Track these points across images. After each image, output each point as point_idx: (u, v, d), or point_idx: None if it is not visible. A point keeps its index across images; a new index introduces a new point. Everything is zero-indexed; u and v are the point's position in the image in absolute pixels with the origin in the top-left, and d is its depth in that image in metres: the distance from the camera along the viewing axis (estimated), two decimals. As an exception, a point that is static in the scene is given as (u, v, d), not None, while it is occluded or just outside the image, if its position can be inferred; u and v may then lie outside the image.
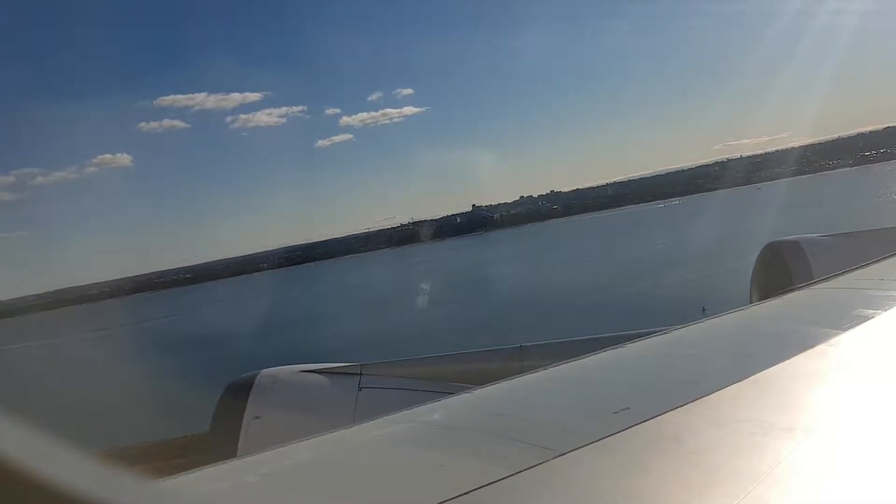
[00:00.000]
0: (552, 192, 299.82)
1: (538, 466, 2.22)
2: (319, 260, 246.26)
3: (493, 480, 2.12)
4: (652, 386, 3.31)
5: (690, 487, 2.11)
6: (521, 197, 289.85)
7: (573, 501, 2.11)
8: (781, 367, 3.17)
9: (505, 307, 56.05)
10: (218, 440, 4.99)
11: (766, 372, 3.09)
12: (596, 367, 3.71)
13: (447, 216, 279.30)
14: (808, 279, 5.94)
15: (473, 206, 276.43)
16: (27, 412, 1.10)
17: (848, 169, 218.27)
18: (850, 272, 5.38)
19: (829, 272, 5.51)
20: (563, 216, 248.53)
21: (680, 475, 2.19)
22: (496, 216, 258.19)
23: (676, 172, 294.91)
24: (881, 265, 5.56)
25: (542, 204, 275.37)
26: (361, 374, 5.31)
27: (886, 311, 4.05)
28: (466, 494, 2.04)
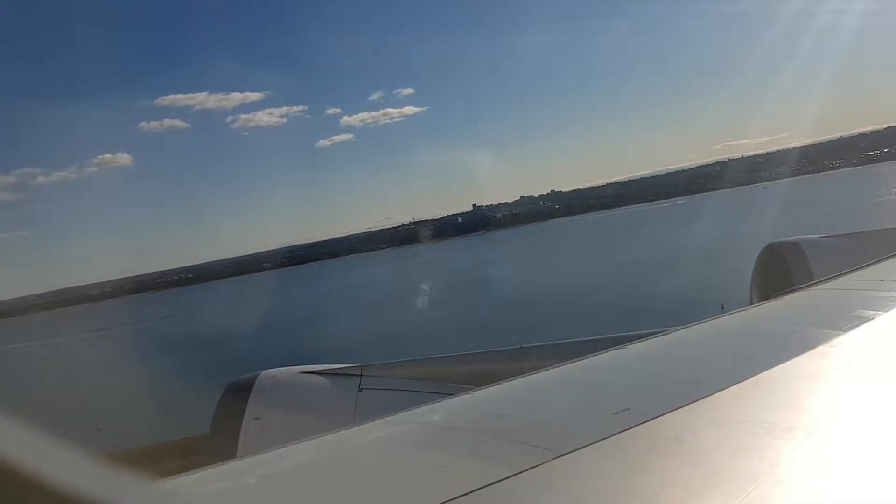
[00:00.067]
0: (553, 191, 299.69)
1: (538, 467, 2.23)
2: (321, 260, 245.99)
3: (493, 481, 2.13)
4: (652, 387, 3.31)
5: (691, 488, 2.11)
6: (521, 197, 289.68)
7: (574, 502, 2.12)
8: (782, 367, 3.17)
9: (509, 308, 55.81)
10: (218, 441, 4.99)
11: (766, 373, 3.10)
12: (596, 367, 3.72)
13: (448, 216, 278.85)
14: (808, 280, 5.94)
15: (474, 205, 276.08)
16: (27, 412, 1.09)
17: (851, 169, 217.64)
18: (850, 273, 5.38)
19: (829, 273, 5.51)
20: (565, 216, 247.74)
21: (680, 475, 2.19)
22: (498, 216, 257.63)
23: (677, 172, 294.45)
24: (881, 266, 5.55)
25: (543, 204, 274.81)
26: (362, 375, 5.30)
27: (887, 311, 4.05)
28: (467, 495, 2.04)
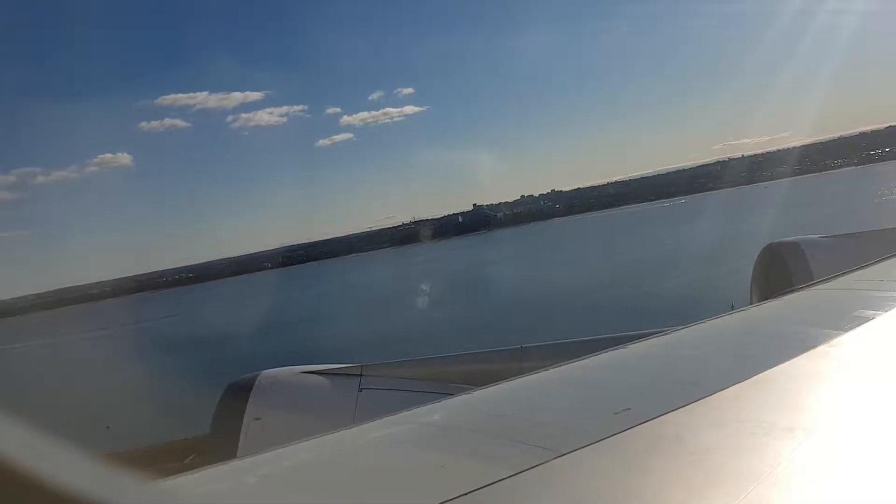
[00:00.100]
0: (553, 191, 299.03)
1: (539, 467, 2.23)
2: (321, 259, 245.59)
3: (493, 481, 2.13)
4: (652, 386, 3.31)
5: (691, 487, 2.11)
6: (521, 196, 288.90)
7: (574, 502, 2.12)
8: (782, 367, 3.17)
9: (511, 308, 55.47)
10: (218, 441, 4.99)
11: (766, 373, 3.10)
12: (596, 367, 3.71)
13: (449, 215, 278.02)
14: (808, 280, 5.94)
15: (474, 205, 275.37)
16: (27, 412, 1.09)
17: (853, 168, 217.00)
18: (850, 273, 5.37)
19: (828, 273, 5.51)
20: (566, 215, 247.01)
21: (681, 475, 2.20)
22: (499, 215, 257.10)
23: (678, 172, 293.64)
24: (881, 266, 5.55)
25: (543, 203, 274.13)
26: (362, 375, 5.31)
27: (886, 311, 4.05)
28: (467, 495, 2.04)
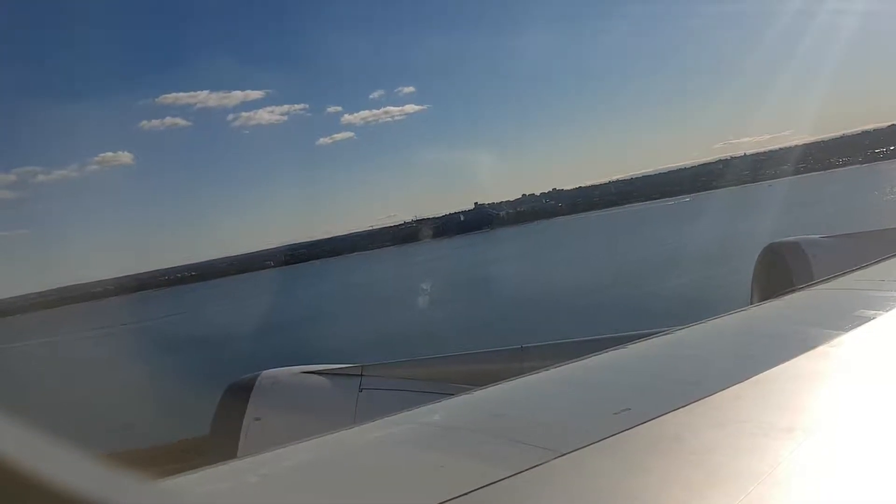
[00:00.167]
0: (554, 189, 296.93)
1: (539, 467, 2.22)
2: (323, 258, 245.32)
3: (493, 481, 2.13)
4: (653, 387, 3.31)
5: (691, 488, 2.11)
6: (523, 195, 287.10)
7: (574, 502, 2.12)
8: (782, 367, 3.17)
9: (517, 307, 55.08)
10: (218, 441, 4.98)
11: (767, 373, 3.09)
12: (597, 367, 3.71)
13: (451, 213, 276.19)
14: (808, 280, 5.92)
15: (476, 203, 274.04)
16: (28, 412, 1.08)
17: (858, 166, 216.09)
18: (850, 273, 5.36)
19: (829, 273, 5.49)
20: (569, 214, 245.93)
21: (681, 476, 2.19)
22: (502, 213, 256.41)
23: (680, 170, 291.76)
24: (882, 266, 5.54)
25: (545, 202, 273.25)
26: (362, 375, 5.30)
27: (887, 311, 4.04)
28: (467, 495, 2.04)
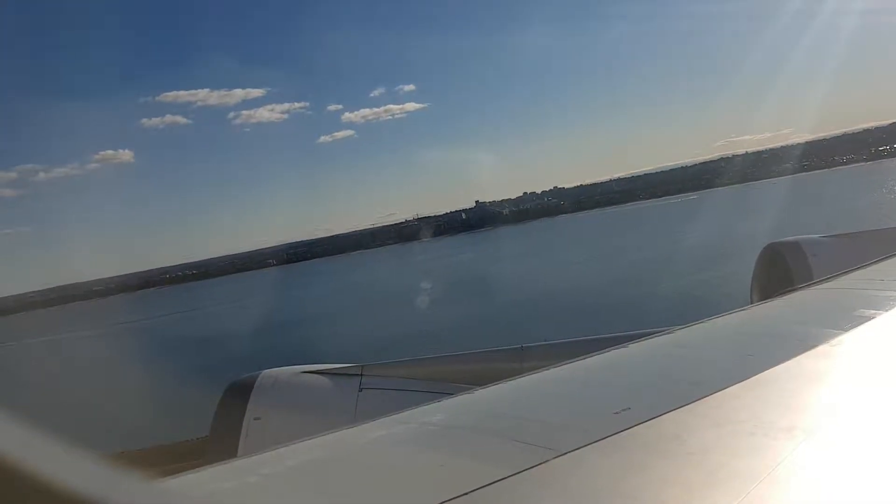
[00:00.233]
0: (555, 188, 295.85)
1: (539, 466, 2.23)
2: (325, 256, 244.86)
3: (493, 480, 2.13)
4: (653, 386, 3.32)
5: (691, 487, 2.11)
6: (524, 193, 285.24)
7: (574, 501, 2.12)
8: (782, 367, 3.17)
9: (525, 307, 54.81)
10: (218, 441, 4.99)
11: (766, 372, 3.09)
12: (597, 367, 3.71)
13: (453, 212, 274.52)
14: (808, 280, 5.93)
15: (477, 201, 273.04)
16: (27, 411, 1.08)
17: (862, 164, 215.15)
18: (850, 272, 5.36)
19: (829, 273, 5.49)
20: (572, 212, 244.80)
21: (680, 475, 2.20)
22: (505, 212, 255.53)
23: (682, 168, 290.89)
24: (882, 265, 5.53)
25: (547, 200, 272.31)
26: (362, 374, 5.32)
27: (887, 311, 4.04)
28: (467, 494, 2.04)
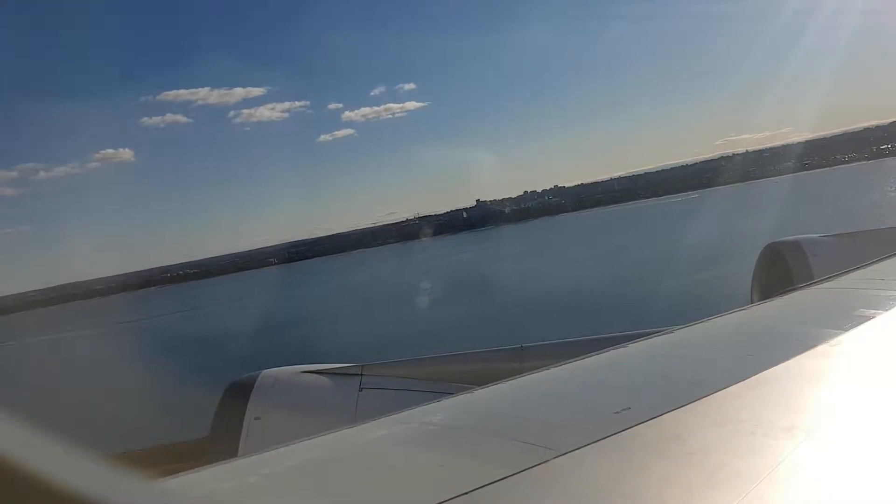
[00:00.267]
0: (556, 186, 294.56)
1: (539, 466, 2.23)
2: (326, 255, 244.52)
3: (493, 480, 2.13)
4: (653, 386, 3.32)
5: (691, 487, 2.11)
6: (525, 192, 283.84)
7: (574, 501, 2.12)
8: (782, 367, 3.16)
9: (533, 306, 54.65)
10: (218, 441, 4.99)
11: (766, 372, 3.09)
12: (597, 367, 3.71)
13: (454, 210, 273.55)
14: (808, 279, 5.92)
15: (477, 200, 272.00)
16: (28, 411, 1.09)
17: (864, 162, 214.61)
18: (850, 272, 5.35)
19: (829, 272, 5.49)
20: (573, 211, 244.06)
21: (681, 475, 2.20)
22: (506, 210, 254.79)
23: (682, 167, 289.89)
24: (882, 265, 5.52)
25: (548, 199, 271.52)
26: (362, 374, 5.32)
27: (887, 311, 4.03)
28: (467, 494, 2.04)
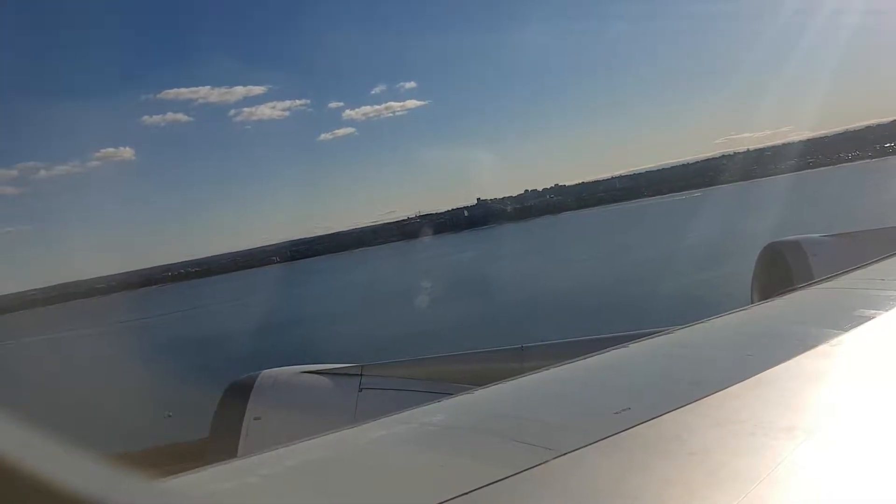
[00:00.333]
0: (557, 185, 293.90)
1: (539, 466, 2.23)
2: (327, 253, 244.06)
3: (493, 480, 2.13)
4: (653, 386, 3.32)
5: (691, 487, 2.12)
6: (525, 190, 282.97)
7: (574, 502, 2.13)
8: (782, 367, 3.17)
9: (532, 304, 54.29)
10: (218, 441, 4.99)
11: (766, 372, 3.09)
12: (597, 367, 3.72)
13: (454, 209, 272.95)
14: (808, 279, 5.92)
15: (478, 199, 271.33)
16: (28, 410, 1.10)
17: (867, 161, 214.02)
18: (850, 272, 5.35)
19: (829, 272, 5.49)
20: (575, 209, 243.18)
21: (681, 475, 2.20)
22: (507, 209, 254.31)
23: (683, 166, 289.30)
24: (882, 265, 5.53)
25: (549, 197, 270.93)
26: (362, 374, 5.32)
27: (887, 311, 4.04)
28: (467, 494, 2.05)
